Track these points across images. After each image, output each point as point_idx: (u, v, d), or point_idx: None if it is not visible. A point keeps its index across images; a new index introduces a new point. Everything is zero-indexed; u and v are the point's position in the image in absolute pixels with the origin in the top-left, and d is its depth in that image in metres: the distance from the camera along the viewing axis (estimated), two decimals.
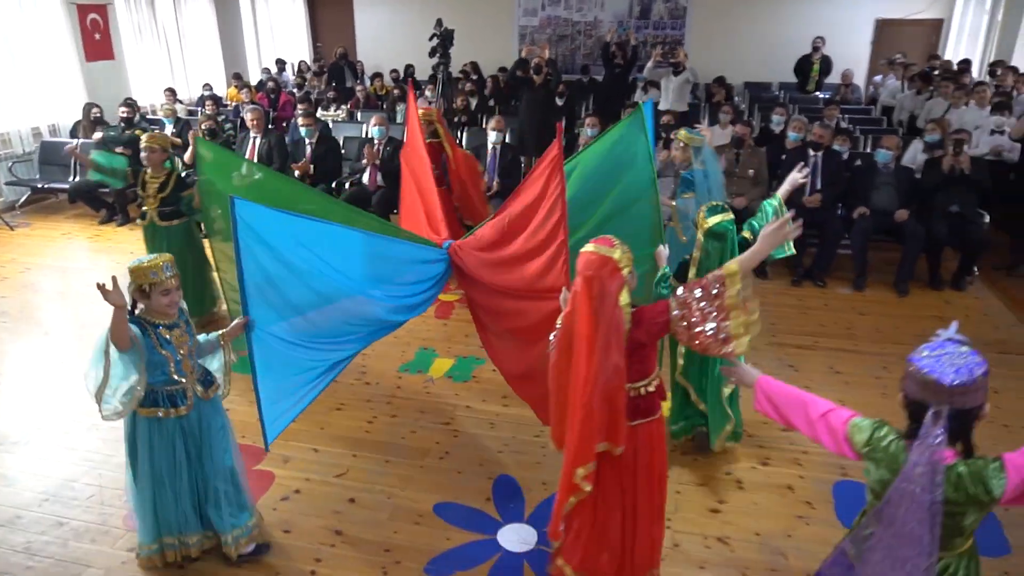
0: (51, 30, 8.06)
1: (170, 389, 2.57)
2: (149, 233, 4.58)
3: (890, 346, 4.52)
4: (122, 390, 2.50)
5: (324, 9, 13.33)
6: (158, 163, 4.47)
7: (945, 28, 10.70)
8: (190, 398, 2.62)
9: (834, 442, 1.88)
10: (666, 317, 2.19)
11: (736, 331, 2.13)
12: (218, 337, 2.74)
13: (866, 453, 1.78)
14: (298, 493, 3.23)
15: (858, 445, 1.81)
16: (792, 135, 6.36)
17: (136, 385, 2.50)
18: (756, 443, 3.55)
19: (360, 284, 3.07)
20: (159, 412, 2.57)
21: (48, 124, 8.13)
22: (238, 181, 3.87)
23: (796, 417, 1.98)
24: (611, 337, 2.09)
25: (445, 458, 3.46)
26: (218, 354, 2.79)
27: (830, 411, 1.90)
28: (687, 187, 3.96)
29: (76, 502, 3.19)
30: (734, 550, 2.86)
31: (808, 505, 3.11)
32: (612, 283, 2.10)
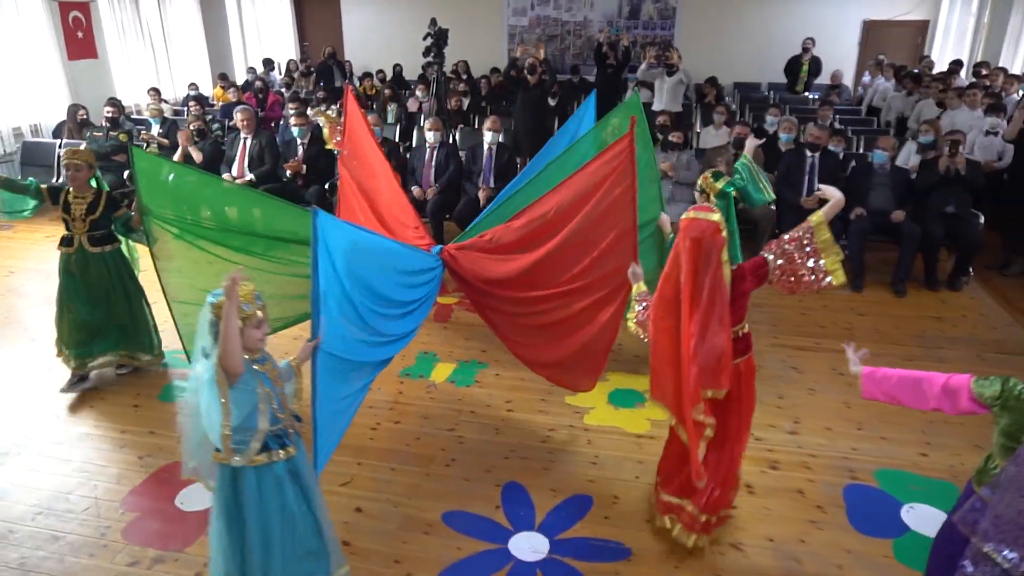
0: (32, 28, 7.87)
1: (275, 428, 2.25)
2: (78, 262, 3.89)
3: (890, 347, 4.53)
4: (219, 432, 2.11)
5: (311, 8, 13.18)
6: (84, 181, 3.86)
7: (931, 29, 10.83)
8: (291, 436, 2.32)
9: (955, 405, 2.07)
10: (766, 268, 2.56)
11: (832, 266, 2.53)
12: (291, 364, 2.43)
13: (1000, 404, 1.95)
14: None
15: (989, 399, 1.98)
16: (784, 136, 6.38)
17: (258, 426, 2.16)
18: (764, 447, 3.53)
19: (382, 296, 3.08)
20: (272, 456, 2.23)
21: (30, 124, 7.94)
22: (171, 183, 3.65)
23: (907, 398, 2.20)
24: (716, 292, 2.41)
25: (452, 465, 3.40)
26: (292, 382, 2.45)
27: (947, 380, 2.09)
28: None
29: (71, 515, 3.09)
30: (748, 556, 2.84)
31: (819, 510, 3.09)
32: (715, 244, 2.41)
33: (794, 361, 4.36)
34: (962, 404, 2.05)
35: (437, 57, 7.24)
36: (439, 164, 6.13)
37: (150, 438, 3.66)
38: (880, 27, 11.04)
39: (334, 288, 2.65)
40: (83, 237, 3.89)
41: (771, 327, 4.81)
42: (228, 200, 3.80)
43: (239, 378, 2.11)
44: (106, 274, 3.95)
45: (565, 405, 3.90)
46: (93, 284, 3.92)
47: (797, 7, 11.05)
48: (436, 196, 5.99)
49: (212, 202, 3.68)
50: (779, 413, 3.82)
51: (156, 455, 3.51)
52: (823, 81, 10.21)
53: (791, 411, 3.84)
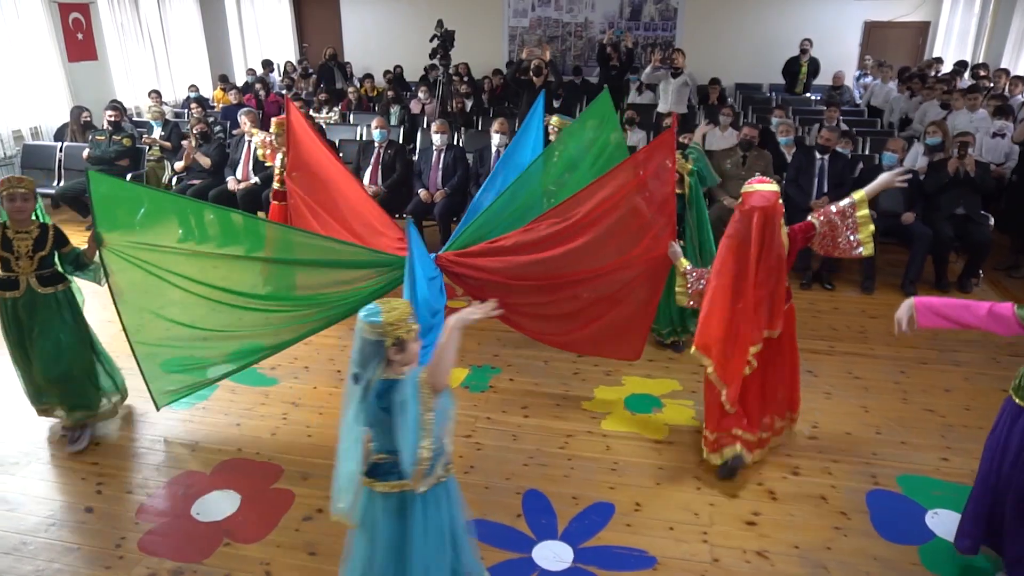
0: (32, 29, 7.79)
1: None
2: (27, 306, 3.36)
3: (905, 350, 4.51)
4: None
5: (310, 9, 13.12)
6: (29, 214, 3.35)
7: (932, 30, 10.85)
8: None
9: (1007, 327, 2.36)
10: (813, 231, 3.15)
11: (865, 239, 3.12)
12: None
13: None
14: (321, 512, 3.10)
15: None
16: (782, 139, 6.36)
17: (446, 447, 2.04)
18: (784, 452, 3.51)
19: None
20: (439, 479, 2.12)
21: (30, 126, 7.86)
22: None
23: (964, 317, 2.41)
24: (777, 250, 2.97)
25: (470, 472, 3.37)
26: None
27: (992, 306, 2.36)
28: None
29: (85, 526, 3.04)
30: (774, 564, 2.81)
31: (843, 516, 3.06)
32: (777, 210, 2.93)
33: (809, 364, 4.33)
34: (1013, 327, 2.33)
35: (443, 59, 7.18)
36: (446, 167, 6.09)
37: (161, 445, 3.61)
38: (881, 28, 11.06)
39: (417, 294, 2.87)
40: (31, 277, 3.35)
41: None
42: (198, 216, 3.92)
43: (438, 397, 1.95)
44: (57, 320, 3.42)
45: (581, 411, 3.87)
46: (45, 328, 3.41)
47: (798, 8, 11.06)
48: (444, 199, 5.95)
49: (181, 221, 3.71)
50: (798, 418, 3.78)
51: (169, 463, 3.46)
52: (823, 82, 10.23)
53: (809, 415, 3.81)
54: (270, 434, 3.70)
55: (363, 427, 2.00)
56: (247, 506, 3.15)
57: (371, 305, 2.00)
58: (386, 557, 2.12)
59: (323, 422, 3.79)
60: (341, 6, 12.71)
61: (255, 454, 3.53)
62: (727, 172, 5.88)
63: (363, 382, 1.97)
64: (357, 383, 1.98)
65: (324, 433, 3.68)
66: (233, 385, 4.08)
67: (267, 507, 3.14)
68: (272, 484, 3.30)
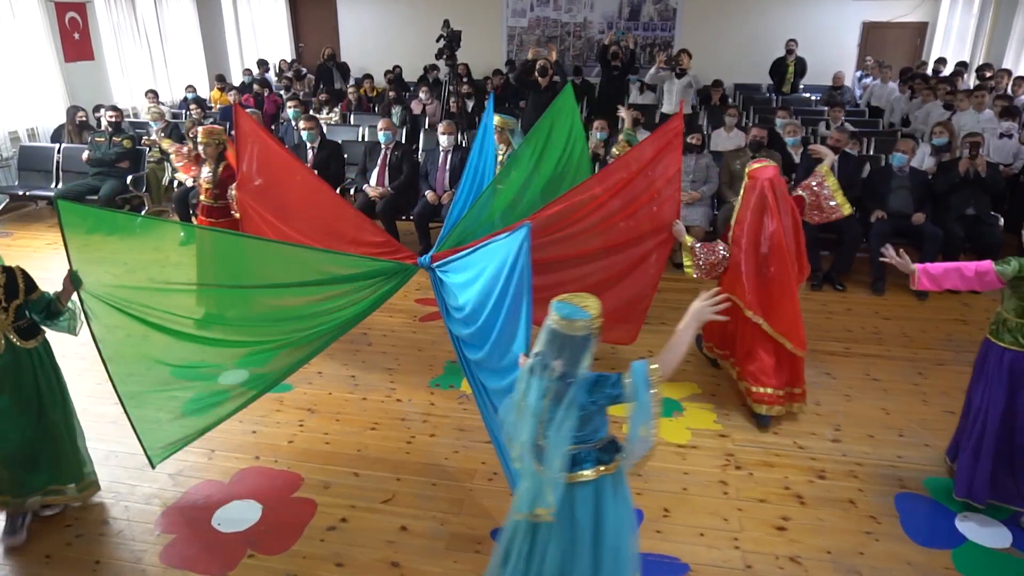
0: (29, 29, 7.66)
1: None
2: (10, 367, 2.81)
3: (921, 351, 4.51)
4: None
5: (306, 9, 13.02)
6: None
7: (930, 31, 10.91)
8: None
9: (984, 283, 2.81)
10: (803, 202, 3.82)
11: (842, 202, 3.85)
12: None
13: (1013, 281, 2.72)
14: (345, 522, 3.05)
15: (1007, 275, 2.73)
16: (790, 140, 6.36)
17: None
18: (808, 455, 3.49)
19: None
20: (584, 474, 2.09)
21: (27, 128, 7.73)
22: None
23: (951, 281, 2.87)
24: (791, 214, 3.61)
25: (494, 479, 3.32)
26: None
27: (977, 266, 2.80)
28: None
29: (105, 539, 2.98)
30: (808, 570, 2.78)
31: (873, 520, 3.04)
32: (782, 181, 3.61)
33: (826, 367, 4.32)
34: (991, 281, 2.78)
35: (450, 59, 7.13)
36: (453, 167, 6.04)
37: (180, 455, 3.53)
38: (879, 28, 11.11)
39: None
40: (9, 331, 2.78)
41: None
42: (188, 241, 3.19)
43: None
44: (40, 376, 2.88)
45: None
46: (28, 393, 2.86)
47: (798, 9, 11.09)
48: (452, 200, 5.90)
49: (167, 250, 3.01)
50: (819, 420, 3.78)
51: (186, 472, 3.39)
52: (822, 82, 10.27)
53: (830, 418, 3.80)
54: (287, 441, 3.64)
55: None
56: (269, 516, 3.09)
57: (561, 304, 2.00)
58: (582, 545, 2.14)
59: (341, 429, 3.73)
60: (338, 6, 12.62)
61: (273, 462, 3.47)
62: (737, 173, 5.86)
63: (570, 380, 2.00)
64: (545, 369, 1.99)
65: (342, 441, 3.63)
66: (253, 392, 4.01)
67: (289, 517, 3.09)
68: (293, 493, 3.24)
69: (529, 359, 2.07)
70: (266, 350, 3.18)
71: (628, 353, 4.03)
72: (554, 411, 2.01)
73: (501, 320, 2.63)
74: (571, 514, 2.12)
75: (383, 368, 4.35)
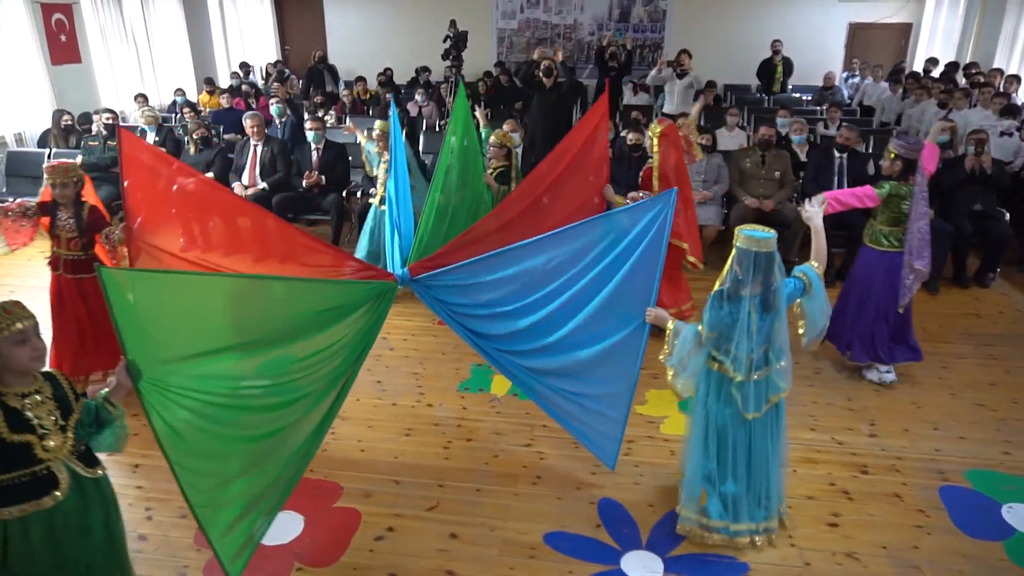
0: (14, 31, 7.42)
1: None
2: (74, 509, 2.02)
3: (940, 345, 4.56)
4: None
5: (293, 11, 12.84)
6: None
7: (915, 31, 11.13)
8: None
9: (863, 201, 3.79)
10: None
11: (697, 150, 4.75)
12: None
13: (886, 200, 3.71)
14: (392, 531, 2.97)
15: (883, 196, 3.69)
16: (796, 138, 6.43)
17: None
18: (848, 450, 3.49)
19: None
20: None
21: (14, 133, 7.48)
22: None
23: (851, 202, 3.75)
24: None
25: (538, 483, 3.27)
26: None
27: (865, 188, 3.83)
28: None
29: (142, 555, 2.86)
30: (867, 566, 2.78)
31: (922, 514, 3.05)
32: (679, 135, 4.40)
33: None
34: (872, 198, 3.75)
35: (456, 60, 7.06)
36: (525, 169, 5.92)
37: None
38: (864, 29, 11.31)
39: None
40: (71, 460, 2.02)
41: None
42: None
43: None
44: (113, 516, 2.21)
45: (637, 415, 3.80)
46: (77, 550, 2.07)
47: (783, 10, 11.24)
48: None
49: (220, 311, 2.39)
50: (853, 416, 3.79)
51: None
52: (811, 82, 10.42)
53: (863, 413, 3.81)
54: (321, 450, 3.50)
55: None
56: (312, 527, 3.00)
57: (748, 230, 2.53)
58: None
59: (374, 436, 3.65)
60: (325, 8, 12.47)
61: (309, 471, 3.34)
62: (747, 172, 5.90)
63: (773, 289, 2.55)
64: (736, 301, 2.58)
65: (377, 448, 3.55)
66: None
67: (334, 528, 3.00)
68: (333, 503, 3.15)
69: (720, 285, 2.61)
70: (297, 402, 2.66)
71: None
72: (762, 320, 2.58)
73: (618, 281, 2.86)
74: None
75: (408, 373, 4.27)
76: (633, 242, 2.85)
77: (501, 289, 3.03)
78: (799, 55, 10.20)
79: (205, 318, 2.35)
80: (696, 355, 2.70)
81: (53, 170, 3.66)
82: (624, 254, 2.87)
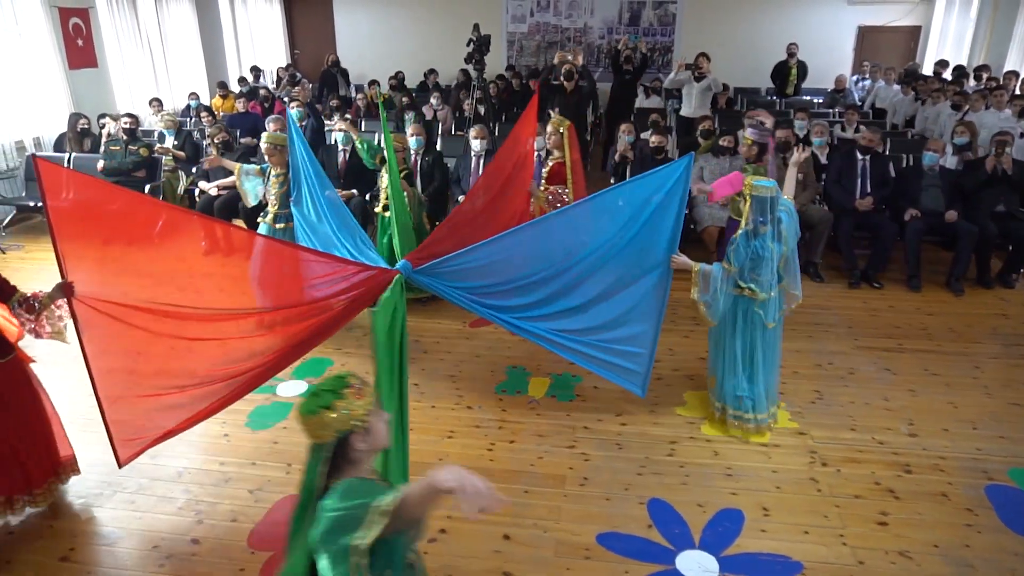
0: (32, 36, 7.43)
1: None
2: None
3: (971, 345, 4.59)
4: None
5: (302, 16, 12.86)
6: None
7: (923, 34, 11.20)
8: None
9: (735, 186, 3.85)
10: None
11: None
12: None
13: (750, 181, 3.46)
14: (444, 533, 2.98)
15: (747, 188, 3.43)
16: (817, 140, 6.47)
17: None
18: (890, 450, 3.52)
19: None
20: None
21: (32, 137, 7.48)
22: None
23: (727, 188, 3.93)
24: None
25: (586, 484, 3.28)
26: None
27: (733, 173, 4.06)
28: None
29: (197, 559, 2.87)
30: (920, 564, 2.80)
31: (970, 512, 3.08)
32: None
33: (884, 363, 4.37)
34: (741, 181, 3.62)
35: (478, 64, 7.09)
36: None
37: (252, 470, 3.44)
38: (874, 33, 11.37)
39: None
40: None
41: (847, 329, 4.84)
42: None
43: None
44: None
45: (676, 415, 3.83)
46: None
47: (794, 14, 11.30)
48: None
49: None
50: (890, 416, 3.81)
51: (267, 488, 3.29)
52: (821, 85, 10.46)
53: (901, 413, 3.84)
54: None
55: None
56: None
57: (757, 181, 3.34)
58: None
59: (417, 438, 3.63)
60: (335, 12, 12.50)
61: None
62: None
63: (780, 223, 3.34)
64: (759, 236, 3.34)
65: (422, 450, 3.55)
66: None
67: None
68: None
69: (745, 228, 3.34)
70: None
71: None
72: (779, 248, 3.36)
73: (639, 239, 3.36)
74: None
75: (445, 376, 4.28)
76: (649, 204, 3.34)
77: (511, 267, 3.33)
78: (809, 58, 10.24)
79: None
80: (726, 286, 3.39)
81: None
82: (639, 215, 3.35)
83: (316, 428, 1.62)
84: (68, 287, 2.67)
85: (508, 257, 3.33)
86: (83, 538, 3.01)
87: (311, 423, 1.62)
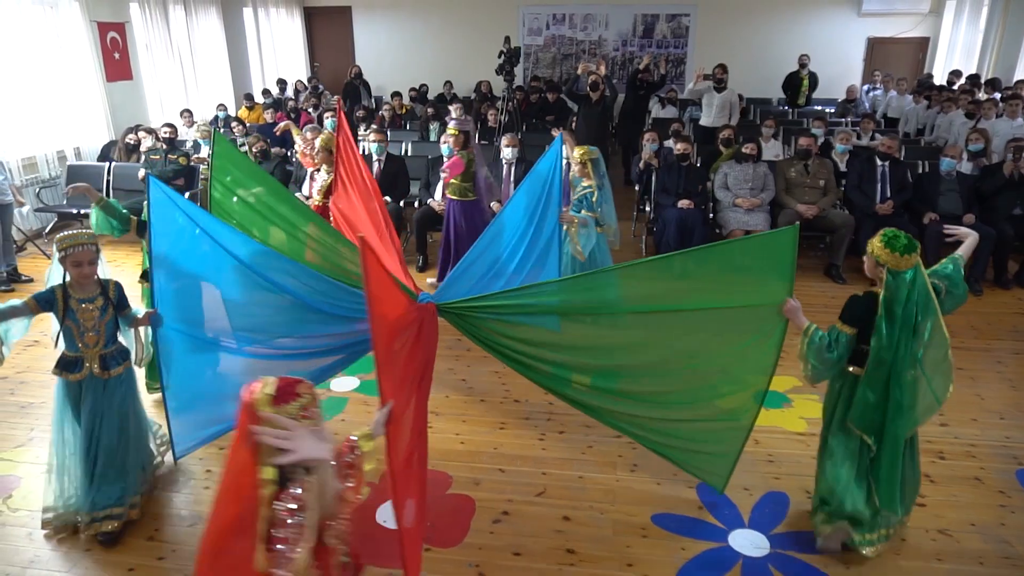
0: (73, 48, 7.69)
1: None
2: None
3: (993, 342, 4.77)
4: None
5: (322, 28, 13.16)
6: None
7: (932, 45, 11.45)
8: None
9: (453, 172, 4.68)
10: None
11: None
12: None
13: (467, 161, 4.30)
14: (507, 515, 3.16)
15: (465, 159, 4.25)
16: (840, 147, 6.69)
17: None
18: (923, 438, 3.63)
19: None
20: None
21: (73, 147, 7.72)
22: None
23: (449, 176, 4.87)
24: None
25: (636, 471, 3.46)
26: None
27: (453, 159, 4.80)
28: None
29: None
30: (959, 541, 2.96)
31: (1004, 495, 3.25)
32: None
33: None
34: (457, 166, 4.46)
35: (508, 76, 7.33)
36: (518, 180, 6.19)
37: None
38: (883, 44, 11.63)
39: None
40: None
41: None
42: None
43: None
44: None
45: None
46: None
47: (804, 26, 11.57)
48: None
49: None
50: None
51: None
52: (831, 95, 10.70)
53: None
54: None
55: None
56: (430, 512, 3.18)
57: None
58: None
59: (471, 429, 3.84)
60: (354, 25, 12.79)
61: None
62: (792, 180, 6.13)
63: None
64: None
65: (476, 440, 3.73)
66: (365, 397, 4.12)
67: (451, 513, 3.18)
68: (446, 491, 3.34)
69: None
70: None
71: None
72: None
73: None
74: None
75: (490, 371, 4.46)
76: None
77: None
78: (819, 69, 10.50)
79: None
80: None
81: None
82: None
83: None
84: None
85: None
86: (164, 520, 3.19)
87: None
